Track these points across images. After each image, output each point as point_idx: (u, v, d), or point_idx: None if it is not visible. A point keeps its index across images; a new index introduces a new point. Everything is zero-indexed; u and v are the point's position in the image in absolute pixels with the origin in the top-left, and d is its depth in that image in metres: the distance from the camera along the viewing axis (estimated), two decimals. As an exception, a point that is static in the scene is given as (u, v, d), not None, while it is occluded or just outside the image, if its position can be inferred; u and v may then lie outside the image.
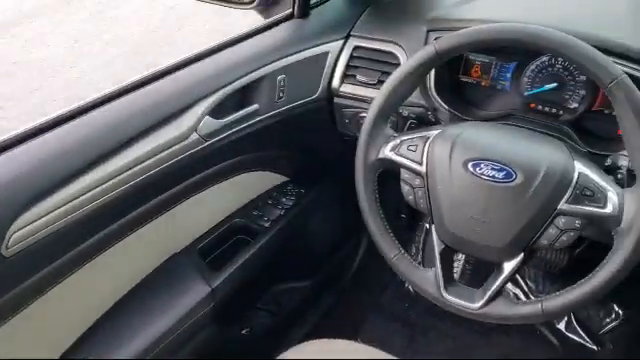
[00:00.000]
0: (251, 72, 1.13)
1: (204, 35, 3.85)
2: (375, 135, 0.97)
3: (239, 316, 1.41)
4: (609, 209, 0.81)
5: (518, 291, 1.73)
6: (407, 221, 1.87)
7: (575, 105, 1.10)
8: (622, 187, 0.83)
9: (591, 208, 0.82)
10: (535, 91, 1.12)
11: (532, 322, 0.89)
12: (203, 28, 3.97)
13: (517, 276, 1.76)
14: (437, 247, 0.94)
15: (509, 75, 1.16)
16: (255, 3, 1.27)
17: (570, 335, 1.68)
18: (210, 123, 1.07)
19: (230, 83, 1.10)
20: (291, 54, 1.19)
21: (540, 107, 1.13)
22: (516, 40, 0.85)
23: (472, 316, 0.92)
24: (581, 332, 1.67)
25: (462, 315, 0.94)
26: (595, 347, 1.64)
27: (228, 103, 1.11)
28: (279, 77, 1.17)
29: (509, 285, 1.75)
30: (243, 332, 1.43)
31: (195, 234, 1.29)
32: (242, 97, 1.15)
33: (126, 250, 1.10)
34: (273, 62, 1.16)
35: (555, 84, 1.10)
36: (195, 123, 1.05)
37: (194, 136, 1.05)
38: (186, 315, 1.15)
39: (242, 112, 1.14)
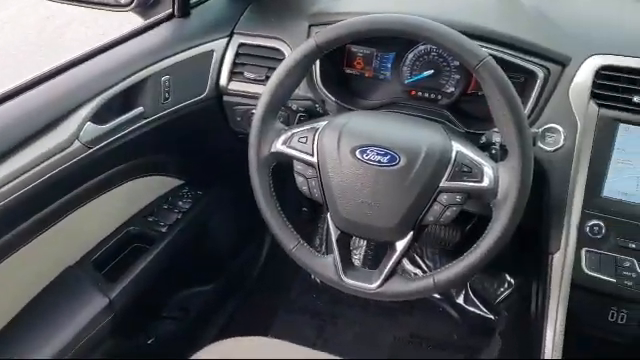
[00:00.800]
0: (132, 74, 1.10)
1: (87, 41, 3.68)
2: (265, 130, 0.98)
3: (143, 326, 1.37)
4: (486, 183, 0.87)
5: (418, 271, 1.81)
6: (309, 214, 1.90)
7: (451, 89, 1.16)
8: (496, 161, 0.89)
9: (469, 183, 0.87)
10: (414, 79, 1.18)
11: (426, 295, 0.94)
12: (85, 35, 3.80)
13: (416, 257, 1.84)
14: (334, 234, 0.97)
15: (389, 65, 1.21)
16: (133, 4, 1.23)
17: (469, 308, 1.78)
18: (92, 129, 1.03)
19: (111, 87, 1.06)
20: (174, 54, 1.17)
21: (420, 93, 1.19)
22: (388, 30, 0.88)
23: (371, 296, 0.95)
24: (479, 304, 1.78)
25: (362, 296, 0.97)
26: (492, 316, 1.75)
27: (111, 107, 1.07)
28: (163, 78, 1.15)
29: (410, 266, 1.83)
30: (149, 342, 1.39)
31: (89, 245, 1.24)
32: (125, 100, 1.11)
33: (16, 266, 1.04)
34: (155, 63, 1.14)
35: (432, 71, 1.16)
36: (76, 130, 1.01)
37: (76, 144, 1.01)
38: (84, 329, 1.11)
39: (126, 116, 1.10)
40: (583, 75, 1.02)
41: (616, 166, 1.01)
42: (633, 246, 1.00)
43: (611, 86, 1.01)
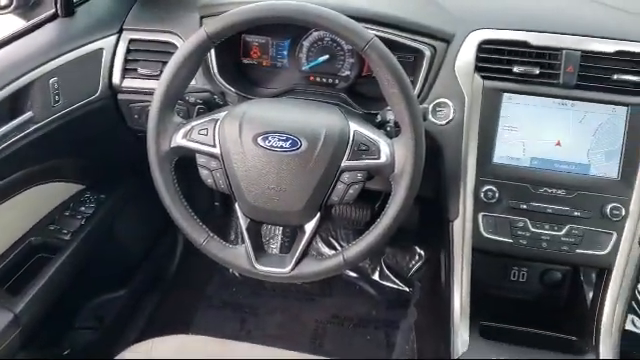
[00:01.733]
0: (17, 79, 1.04)
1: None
2: (164, 124, 0.96)
3: (56, 338, 1.32)
4: (383, 159, 0.90)
5: (333, 252, 1.84)
6: (222, 208, 1.89)
7: (347, 73, 1.20)
8: (391, 138, 0.93)
9: (368, 161, 0.91)
10: (311, 64, 1.20)
11: (339, 272, 0.96)
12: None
13: (330, 239, 1.88)
14: (243, 223, 0.97)
15: (286, 52, 1.22)
16: (13, 6, 1.17)
17: (385, 283, 1.85)
18: (-23, 139, 0.98)
19: None
20: (60, 55, 1.12)
21: (318, 79, 1.21)
22: (276, 17, 0.89)
23: (286, 279, 0.96)
24: (393, 278, 1.84)
25: (277, 281, 0.98)
26: (407, 288, 1.82)
27: (-4, 115, 1.02)
28: (51, 80, 1.10)
29: (325, 249, 1.87)
30: (65, 353, 1.34)
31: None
32: (12, 107, 1.06)
33: None
34: (41, 65, 1.09)
35: (327, 56, 1.19)
36: (-40, 141, 0.95)
37: (-39, 155, 0.95)
38: (-11, 347, 1.05)
39: (14, 122, 1.05)
40: (467, 50, 1.08)
41: (503, 133, 1.08)
42: (524, 207, 1.07)
43: (493, 59, 1.08)
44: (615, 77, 1.04)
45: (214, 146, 0.94)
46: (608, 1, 1.20)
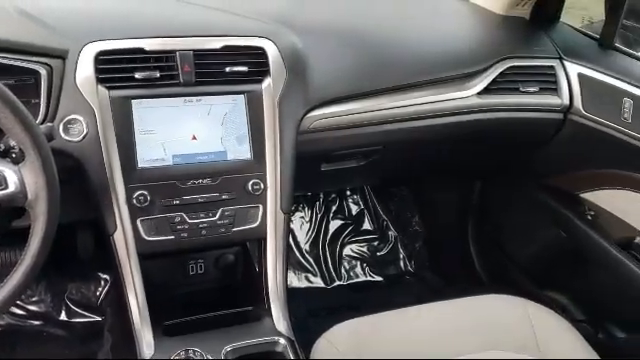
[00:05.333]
0: None
1: None
2: None
3: None
4: (12, 187, 0.84)
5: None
6: None
7: None
8: (18, 164, 0.87)
9: None
10: None
11: None
12: None
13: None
14: None
15: None
16: None
17: (75, 320, 1.73)
18: None
19: None
20: None
21: None
22: None
23: None
24: (82, 312, 1.74)
25: None
26: (99, 317, 1.74)
27: None
28: None
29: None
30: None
31: None
32: None
33: None
34: None
35: None
36: None
37: None
38: None
39: None
40: (84, 64, 1.07)
41: (142, 138, 1.11)
42: (177, 202, 1.12)
43: (113, 69, 1.09)
44: (228, 69, 1.15)
45: None
46: (215, 5, 1.32)
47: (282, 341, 1.10)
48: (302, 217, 2.11)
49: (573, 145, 1.45)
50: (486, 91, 1.38)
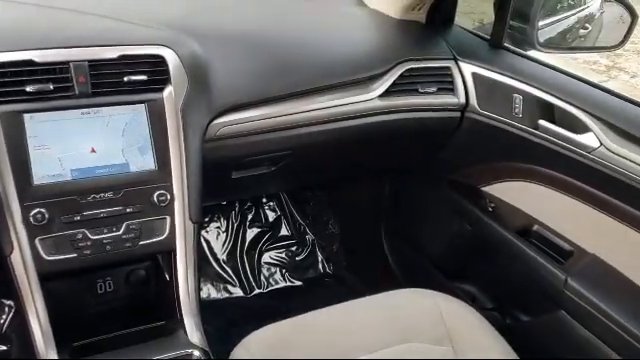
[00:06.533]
0: None
1: None
2: None
3: None
4: None
5: None
6: None
7: None
8: None
9: None
10: None
11: None
12: None
13: None
14: None
15: None
16: None
17: None
18: None
19: None
20: None
21: None
22: None
23: None
24: None
25: None
26: (5, 347, 1.64)
27: None
28: None
29: None
30: None
31: None
32: None
33: None
34: None
35: None
36: None
37: None
38: None
39: None
40: None
41: (36, 153, 1.06)
42: (78, 218, 1.08)
43: (2, 82, 1.04)
44: (126, 79, 1.12)
45: None
46: (111, 14, 1.28)
47: (196, 353, 1.09)
48: (218, 227, 2.08)
49: (471, 141, 1.53)
50: (387, 93, 1.42)
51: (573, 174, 1.29)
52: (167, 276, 1.24)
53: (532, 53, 1.48)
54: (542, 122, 1.31)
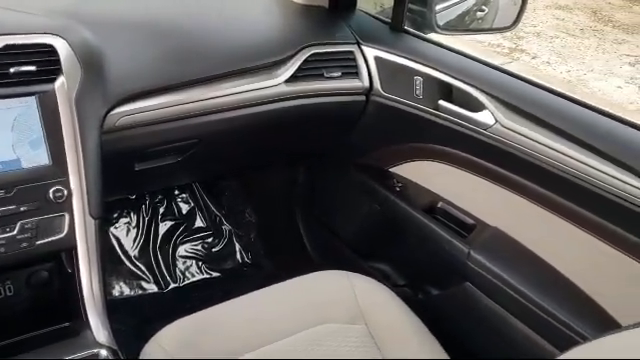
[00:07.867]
0: None
1: None
2: None
3: None
4: None
5: None
6: None
7: None
8: None
9: None
10: None
11: None
12: None
13: None
14: None
15: None
16: None
17: None
18: None
19: None
20: None
21: None
22: None
23: None
24: None
25: None
26: None
27: None
28: None
29: None
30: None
31: None
32: None
33: None
34: None
35: None
36: None
37: None
38: None
39: None
40: None
41: None
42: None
43: None
44: (13, 70, 1.06)
45: None
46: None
47: (103, 352, 1.05)
48: (127, 223, 2.02)
49: (377, 124, 1.56)
50: (293, 79, 1.42)
51: (473, 151, 1.35)
52: (70, 276, 1.18)
53: (433, 36, 1.52)
54: (442, 102, 1.36)
